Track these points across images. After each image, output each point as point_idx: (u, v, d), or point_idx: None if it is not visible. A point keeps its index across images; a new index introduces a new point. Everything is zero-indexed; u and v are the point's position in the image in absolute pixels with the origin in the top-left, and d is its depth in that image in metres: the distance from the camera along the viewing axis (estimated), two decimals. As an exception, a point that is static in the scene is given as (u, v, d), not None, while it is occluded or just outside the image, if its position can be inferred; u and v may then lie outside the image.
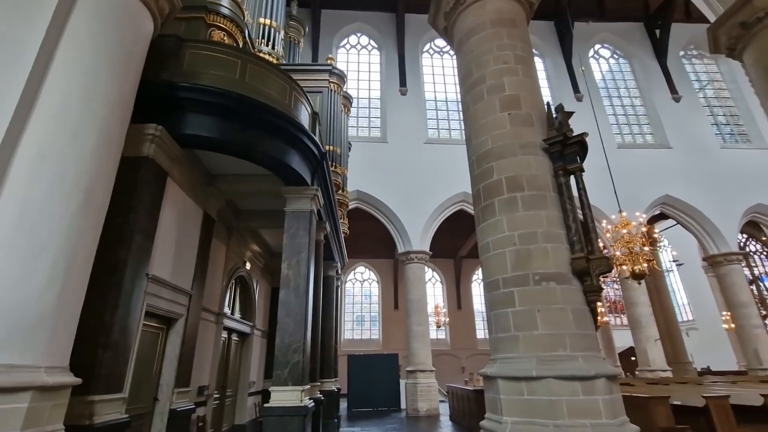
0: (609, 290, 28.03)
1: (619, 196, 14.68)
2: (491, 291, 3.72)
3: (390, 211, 14.39)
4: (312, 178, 5.98)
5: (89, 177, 3.18)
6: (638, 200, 14.11)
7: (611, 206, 13.36)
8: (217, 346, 6.94)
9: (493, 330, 3.61)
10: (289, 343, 5.01)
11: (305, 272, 5.40)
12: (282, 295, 5.26)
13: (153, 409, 4.64)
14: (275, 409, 4.65)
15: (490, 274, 3.84)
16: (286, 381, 4.85)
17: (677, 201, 15.12)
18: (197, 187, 5.64)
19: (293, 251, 5.52)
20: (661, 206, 15.27)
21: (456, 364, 22.05)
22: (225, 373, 7.71)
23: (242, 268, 8.29)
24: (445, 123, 16.92)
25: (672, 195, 15.08)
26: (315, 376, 6.39)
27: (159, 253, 4.61)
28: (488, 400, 3.45)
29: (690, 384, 8.10)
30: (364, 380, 13.79)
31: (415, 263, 13.78)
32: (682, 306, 24.40)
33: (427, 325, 13.34)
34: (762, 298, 19.71)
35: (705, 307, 21.79)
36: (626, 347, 23.15)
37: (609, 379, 3.33)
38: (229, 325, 7.82)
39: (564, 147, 3.88)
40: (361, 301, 23.75)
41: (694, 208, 14.96)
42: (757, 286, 20.20)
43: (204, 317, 6.41)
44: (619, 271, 9.60)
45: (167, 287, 4.75)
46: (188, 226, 5.42)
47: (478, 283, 24.67)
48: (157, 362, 4.78)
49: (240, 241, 8.07)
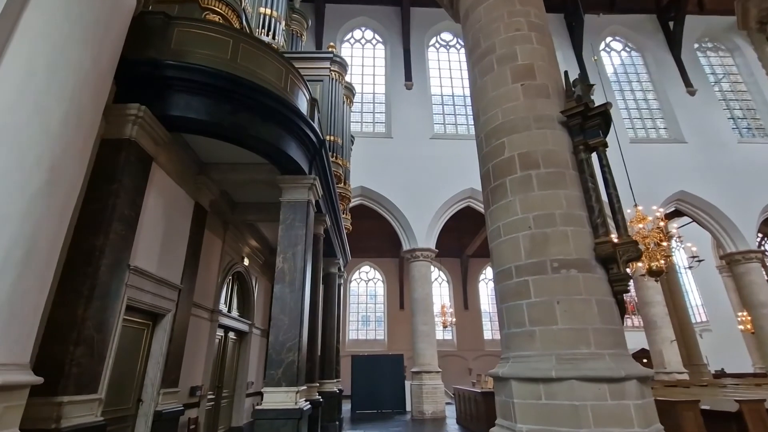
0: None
1: (633, 192, 14.21)
2: (503, 281, 3.34)
3: (395, 207, 14.04)
4: (309, 167, 5.65)
5: (55, 155, 2.87)
6: (652, 196, 13.60)
7: (625, 202, 12.83)
8: (212, 344, 6.63)
9: (504, 325, 3.22)
10: (283, 341, 4.67)
11: (301, 266, 5.07)
12: (276, 290, 4.93)
13: (136, 412, 4.33)
14: (267, 411, 4.32)
15: (501, 262, 3.42)
16: (279, 381, 4.51)
17: (693, 197, 14.58)
18: (187, 175, 5.34)
19: (289, 243, 5.19)
20: (676, 203, 14.74)
21: (463, 365, 21.62)
22: (221, 373, 7.41)
23: (239, 264, 7.98)
24: (451, 118, 16.53)
25: (687, 191, 14.54)
26: (313, 377, 6.05)
27: (143, 244, 4.30)
28: (500, 403, 3.05)
29: (711, 387, 7.64)
30: (368, 381, 13.43)
31: (421, 261, 13.40)
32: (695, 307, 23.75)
33: (433, 324, 12.96)
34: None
35: (719, 308, 21.18)
36: (638, 349, 22.66)
37: (641, 381, 2.91)
38: (226, 323, 7.51)
39: (585, 119, 3.47)
40: (366, 300, 23.40)
41: (710, 204, 14.42)
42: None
43: (196, 314, 6.09)
44: (634, 269, 9.15)
45: (152, 280, 4.44)
46: (177, 217, 5.11)
47: (485, 282, 24.23)
48: (141, 361, 4.47)
49: (237, 236, 7.76)
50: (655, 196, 13.86)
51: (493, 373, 3.09)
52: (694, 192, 14.56)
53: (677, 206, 14.88)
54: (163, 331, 4.71)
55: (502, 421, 2.97)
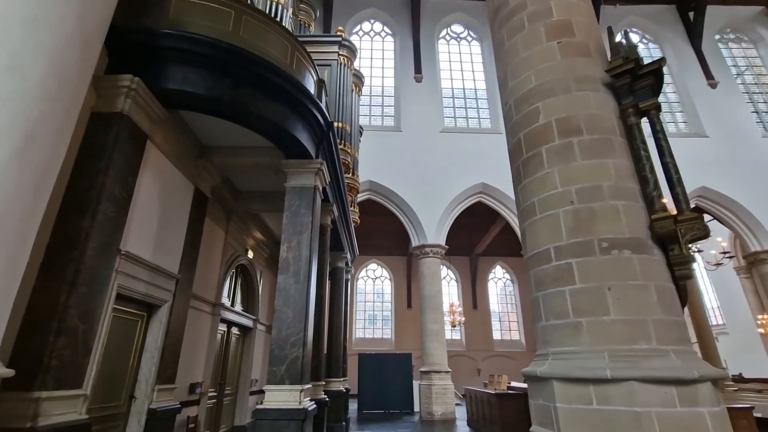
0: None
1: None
2: (539, 265, 2.84)
3: (404, 202, 13.66)
4: (316, 151, 5.30)
5: (31, 120, 2.54)
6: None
7: None
8: (213, 339, 6.32)
9: (541, 316, 2.79)
10: (286, 336, 4.33)
11: (307, 255, 4.72)
12: (280, 281, 4.59)
13: (128, 409, 4.01)
14: (268, 411, 3.98)
15: (536, 243, 2.92)
16: (282, 379, 4.17)
17: (714, 193, 14.00)
18: (187, 158, 5.02)
19: (294, 231, 4.85)
20: (697, 199, 14.16)
21: (472, 366, 21.17)
22: (223, 369, 7.10)
23: (243, 257, 7.67)
24: (462, 111, 16.10)
25: (709, 187, 13.96)
26: (319, 375, 5.71)
27: (136, 228, 3.99)
28: (536, 408, 2.62)
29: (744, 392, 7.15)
30: (375, 381, 13.08)
31: (430, 258, 13.01)
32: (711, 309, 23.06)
33: (442, 323, 12.56)
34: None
35: (736, 311, 20.47)
36: None
37: (714, 384, 2.45)
38: (229, 317, 7.20)
39: (634, 79, 3.04)
40: (373, 299, 23.03)
41: (733, 200, 13.82)
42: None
43: (197, 306, 5.79)
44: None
45: (147, 267, 4.12)
46: (176, 202, 4.79)
47: (494, 281, 23.77)
48: (135, 355, 4.15)
49: (241, 227, 7.45)
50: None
51: (529, 371, 2.66)
52: (716, 188, 13.98)
53: (698, 202, 14.30)
54: (158, 323, 4.39)
55: (540, 429, 2.51)
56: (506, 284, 23.97)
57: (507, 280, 23.98)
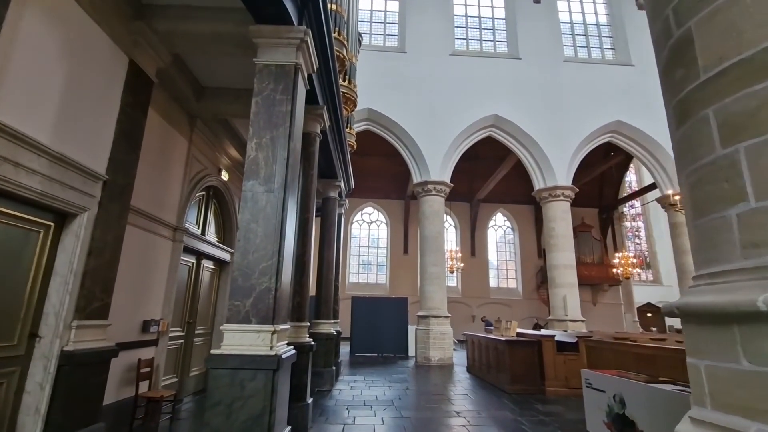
0: (630, 244, 26.25)
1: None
2: (686, 119, 1.43)
3: (406, 134, 12.19)
4: (299, 15, 3.82)
5: None
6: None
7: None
8: (174, 270, 5.19)
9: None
10: (254, 261, 3.15)
11: (284, 158, 3.42)
12: (246, 188, 3.33)
13: (30, 352, 2.89)
14: (227, 358, 2.89)
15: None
16: (247, 317, 3.05)
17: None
18: (113, 15, 3.54)
19: (266, 124, 3.51)
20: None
21: (466, 312, 20.81)
22: (192, 306, 6.06)
23: (216, 178, 6.37)
24: (475, 33, 14.12)
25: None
26: (302, 315, 4.65)
27: (15, 92, 2.63)
28: (700, 370, 1.41)
29: None
30: (369, 324, 12.38)
31: (433, 195, 11.79)
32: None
33: (443, 266, 11.62)
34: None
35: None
36: (644, 303, 22.03)
37: None
38: (199, 247, 6.05)
39: None
40: (368, 243, 22.18)
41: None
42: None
43: (148, 228, 4.58)
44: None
45: (44, 155, 2.82)
46: (96, 74, 3.39)
47: (494, 229, 22.90)
48: (35, 279, 2.96)
49: (211, 140, 6.08)
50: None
51: (684, 304, 1.40)
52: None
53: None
54: (74, 238, 3.16)
55: (706, 411, 1.30)
56: (506, 232, 23.14)
57: (507, 228, 23.10)
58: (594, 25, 14.63)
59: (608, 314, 20.39)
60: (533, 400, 6.22)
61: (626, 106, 12.88)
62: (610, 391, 4.00)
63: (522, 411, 5.53)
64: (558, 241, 11.83)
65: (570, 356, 6.85)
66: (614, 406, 3.94)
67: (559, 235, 11.88)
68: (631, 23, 14.03)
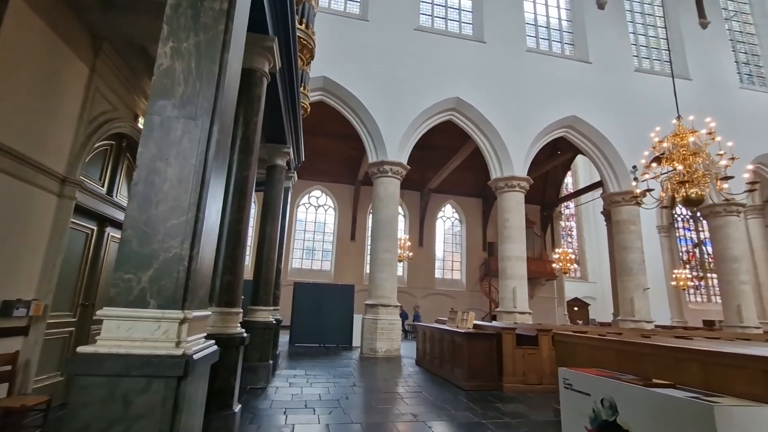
0: (563, 242, 27.62)
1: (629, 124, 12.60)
2: None
3: (363, 108, 11.25)
4: None
5: None
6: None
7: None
8: (61, 236, 3.91)
9: None
10: (159, 216, 2.13)
11: (214, 72, 2.40)
12: (154, 110, 2.27)
13: None
14: (103, 360, 1.87)
15: None
16: (143, 297, 2.03)
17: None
18: None
19: (188, 24, 2.46)
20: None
21: (410, 302, 20.47)
22: (90, 285, 4.75)
23: (129, 125, 5.05)
24: (441, 11, 13.44)
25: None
26: (233, 298, 3.62)
27: None
28: None
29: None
30: (312, 312, 11.42)
31: (389, 177, 11.01)
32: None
33: (395, 252, 10.93)
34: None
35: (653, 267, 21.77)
36: (571, 297, 23.50)
37: None
38: (103, 210, 4.76)
39: None
40: (314, 228, 21.00)
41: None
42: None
43: (14, 172, 3.30)
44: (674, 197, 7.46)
45: None
46: None
47: (443, 220, 22.75)
48: None
49: (124, 74, 4.76)
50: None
51: None
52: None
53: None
54: None
55: None
56: (454, 224, 23.11)
57: (455, 219, 23.08)
58: (556, 18, 14.61)
59: (543, 307, 21.11)
60: (492, 398, 5.70)
61: (582, 103, 12.97)
62: (597, 394, 3.48)
63: (484, 412, 4.96)
64: (511, 233, 11.63)
65: (529, 350, 6.45)
66: (601, 411, 3.43)
67: (513, 226, 11.69)
68: (590, 21, 14.16)
